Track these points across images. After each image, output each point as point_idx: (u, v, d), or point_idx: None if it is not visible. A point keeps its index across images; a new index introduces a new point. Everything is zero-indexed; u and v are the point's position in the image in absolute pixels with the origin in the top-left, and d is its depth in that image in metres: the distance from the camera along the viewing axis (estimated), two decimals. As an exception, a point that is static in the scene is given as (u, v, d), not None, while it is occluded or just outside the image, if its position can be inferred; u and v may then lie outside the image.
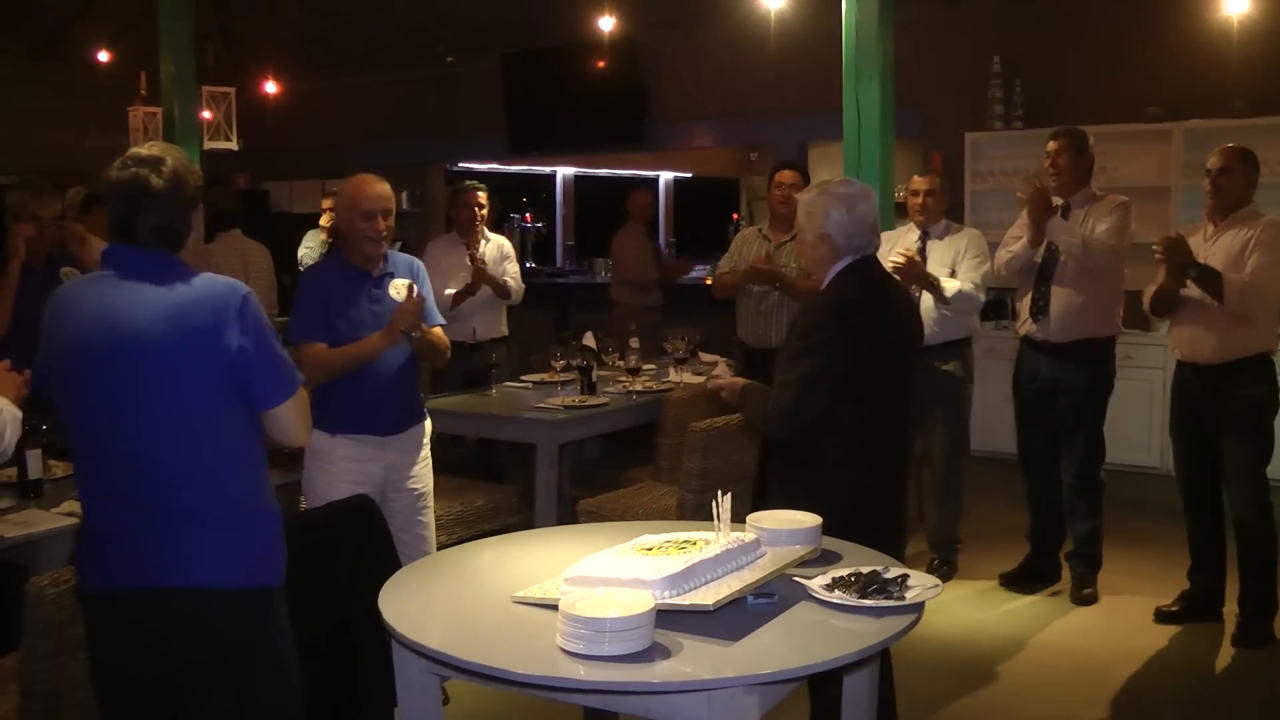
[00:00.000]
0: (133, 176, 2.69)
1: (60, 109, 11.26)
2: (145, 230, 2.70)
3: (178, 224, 2.74)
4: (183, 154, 2.80)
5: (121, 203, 2.70)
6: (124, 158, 2.74)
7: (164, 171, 2.70)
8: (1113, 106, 8.00)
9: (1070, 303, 5.35)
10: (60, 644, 2.99)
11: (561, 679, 2.32)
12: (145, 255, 2.71)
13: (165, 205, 2.71)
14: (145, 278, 2.69)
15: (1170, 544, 5.87)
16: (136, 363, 2.62)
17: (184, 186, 2.74)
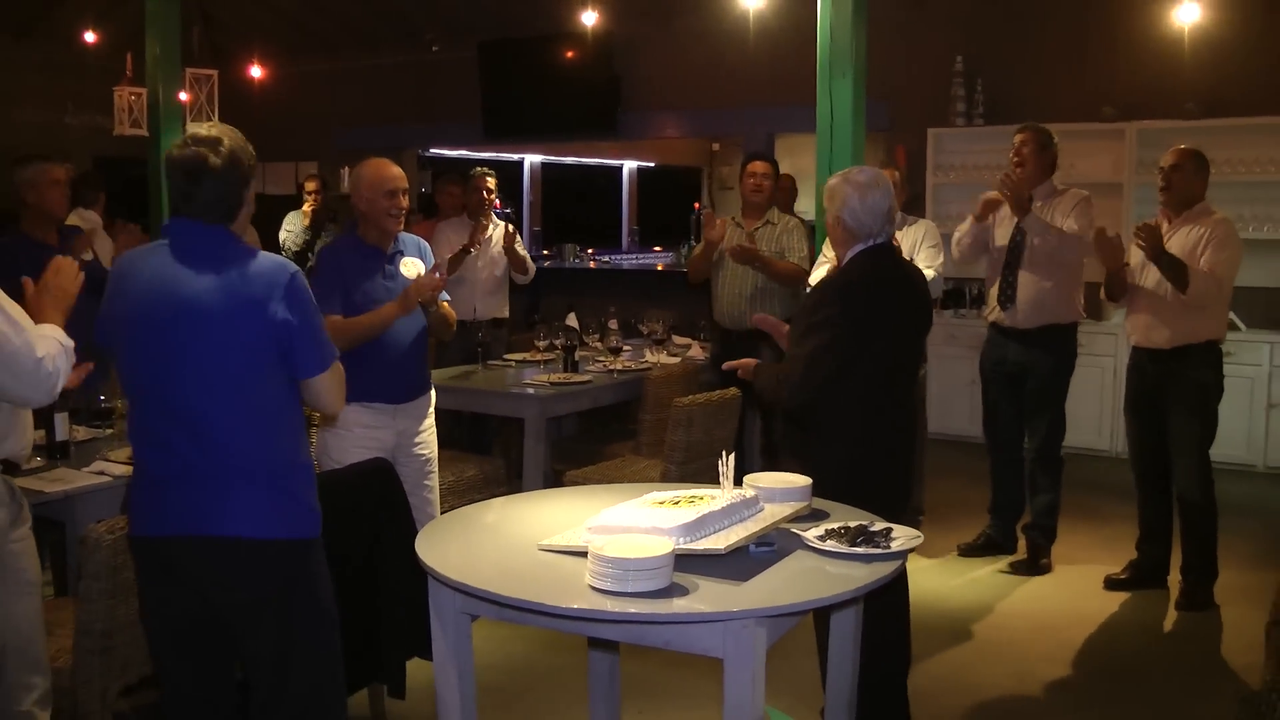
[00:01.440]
0: (193, 154, 2.91)
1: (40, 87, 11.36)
2: (202, 204, 2.93)
3: (232, 199, 2.97)
4: (238, 135, 3.02)
5: (181, 178, 2.92)
6: (185, 136, 2.96)
7: (222, 151, 2.93)
8: (1070, 106, 8.37)
9: (1036, 291, 5.68)
10: (114, 586, 3.27)
11: (594, 611, 2.60)
12: (202, 228, 2.94)
13: (221, 182, 2.93)
14: (201, 249, 2.93)
15: (1119, 520, 6.29)
16: (193, 326, 2.85)
17: (239, 165, 2.97)
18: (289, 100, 12.08)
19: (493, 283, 7.20)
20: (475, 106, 11.32)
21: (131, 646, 3.37)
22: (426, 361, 4.80)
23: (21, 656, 3.21)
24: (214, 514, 2.89)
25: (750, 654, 2.61)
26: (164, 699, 3.11)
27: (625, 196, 15.68)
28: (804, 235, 6.67)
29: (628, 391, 6.46)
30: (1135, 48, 8.24)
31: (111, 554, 3.24)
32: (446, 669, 3.03)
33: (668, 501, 3.12)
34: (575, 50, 10.37)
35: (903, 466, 4.05)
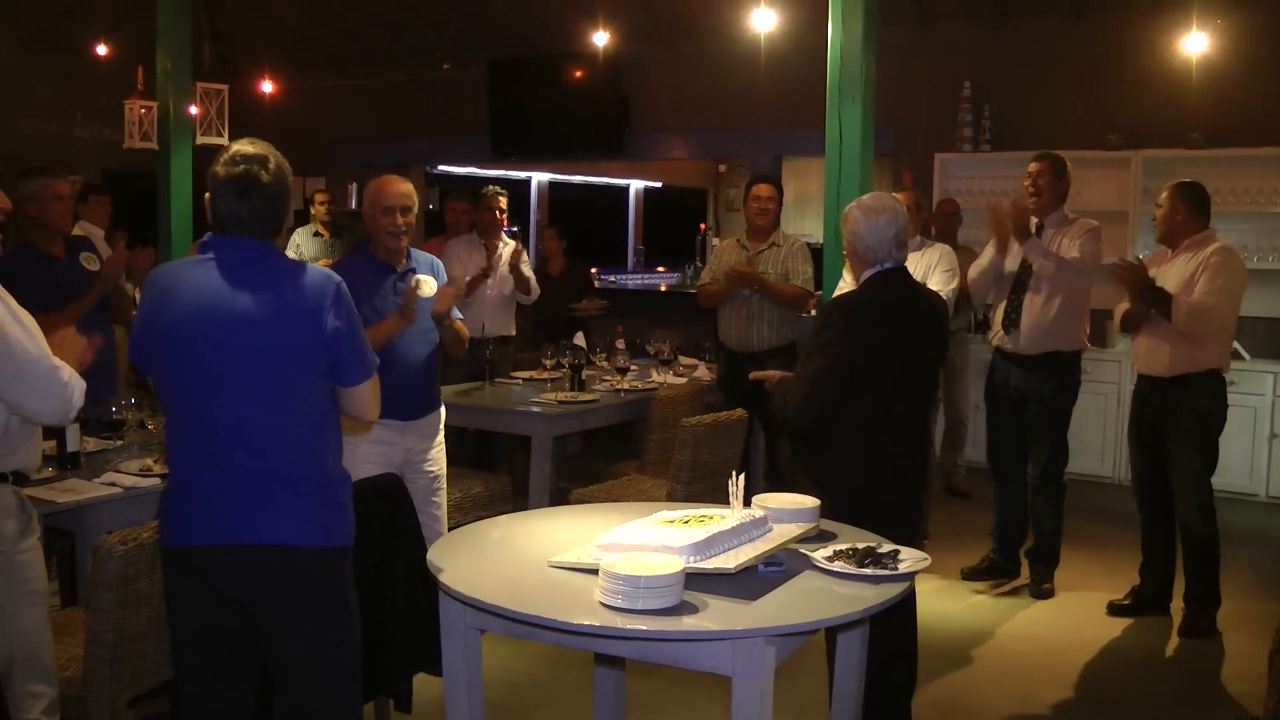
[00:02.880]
0: (244, 172, 2.94)
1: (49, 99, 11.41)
2: (251, 219, 2.96)
3: (279, 214, 3.02)
4: (279, 153, 3.05)
5: (230, 195, 2.94)
6: (231, 154, 2.97)
7: (270, 168, 2.97)
8: (1076, 134, 8.41)
9: (1040, 317, 5.70)
10: (125, 596, 3.30)
11: (604, 627, 2.63)
12: (250, 244, 2.97)
13: (269, 197, 2.97)
14: (250, 264, 2.96)
15: (1122, 546, 6.30)
16: (245, 339, 2.89)
17: (285, 181, 3.02)
18: (298, 116, 12.13)
19: (501, 300, 7.27)
20: (483, 124, 11.37)
21: (141, 657, 3.40)
22: (436, 380, 4.84)
23: (29, 666, 3.23)
24: (258, 522, 2.93)
25: (759, 672, 2.64)
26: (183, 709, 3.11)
27: (631, 216, 15.73)
28: (808, 258, 6.70)
29: (634, 411, 6.49)
30: (1141, 77, 8.29)
31: (123, 564, 3.27)
32: (456, 683, 3.06)
33: (678, 520, 3.15)
34: (584, 71, 10.43)
35: (912, 491, 4.06)
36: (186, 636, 3.06)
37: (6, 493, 3.24)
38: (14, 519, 3.24)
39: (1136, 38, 8.31)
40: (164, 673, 3.43)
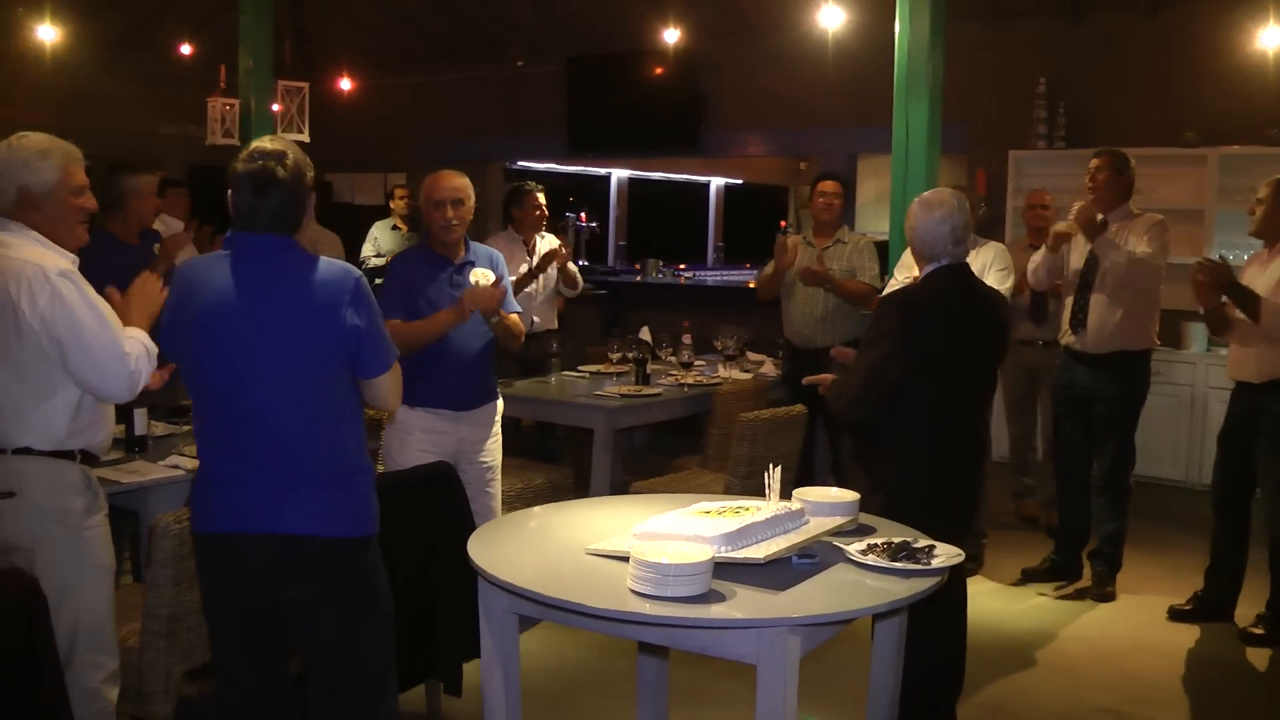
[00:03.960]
0: (261, 168, 3.01)
1: (137, 97, 11.70)
2: (268, 215, 3.03)
3: (297, 210, 3.08)
4: (297, 147, 3.13)
5: (248, 191, 3.02)
6: (250, 150, 3.06)
7: (287, 164, 3.03)
8: (1152, 130, 8.29)
9: (1107, 316, 5.63)
10: (179, 574, 3.43)
11: (632, 613, 2.68)
12: (268, 238, 3.04)
13: (286, 193, 3.03)
14: (269, 259, 3.04)
15: (1187, 552, 6.24)
16: (264, 333, 2.97)
17: (302, 177, 3.08)
18: (377, 112, 12.33)
19: (546, 296, 7.32)
20: (561, 121, 11.47)
21: (195, 632, 3.52)
22: (492, 372, 4.89)
23: (92, 637, 3.35)
24: (280, 512, 3.01)
25: (783, 661, 2.67)
26: (219, 689, 3.22)
27: (712, 213, 15.78)
28: (874, 254, 6.71)
29: (697, 406, 6.53)
30: (1218, 73, 8.13)
31: (178, 543, 3.39)
32: (492, 666, 3.13)
33: (714, 511, 3.19)
34: (660, 68, 10.48)
35: (967, 489, 4.05)
36: (219, 618, 3.16)
37: (74, 470, 3.37)
38: (81, 496, 3.37)
39: (1213, 32, 8.16)
40: (215, 651, 3.54)
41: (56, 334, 3.23)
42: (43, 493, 3.30)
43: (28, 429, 3.28)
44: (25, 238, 3.31)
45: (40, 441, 3.30)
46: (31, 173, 3.33)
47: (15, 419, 3.27)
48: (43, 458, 3.31)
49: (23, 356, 3.24)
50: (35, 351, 3.24)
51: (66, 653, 3.27)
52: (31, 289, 3.21)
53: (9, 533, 3.28)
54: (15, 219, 3.33)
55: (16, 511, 3.28)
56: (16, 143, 3.36)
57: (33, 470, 3.29)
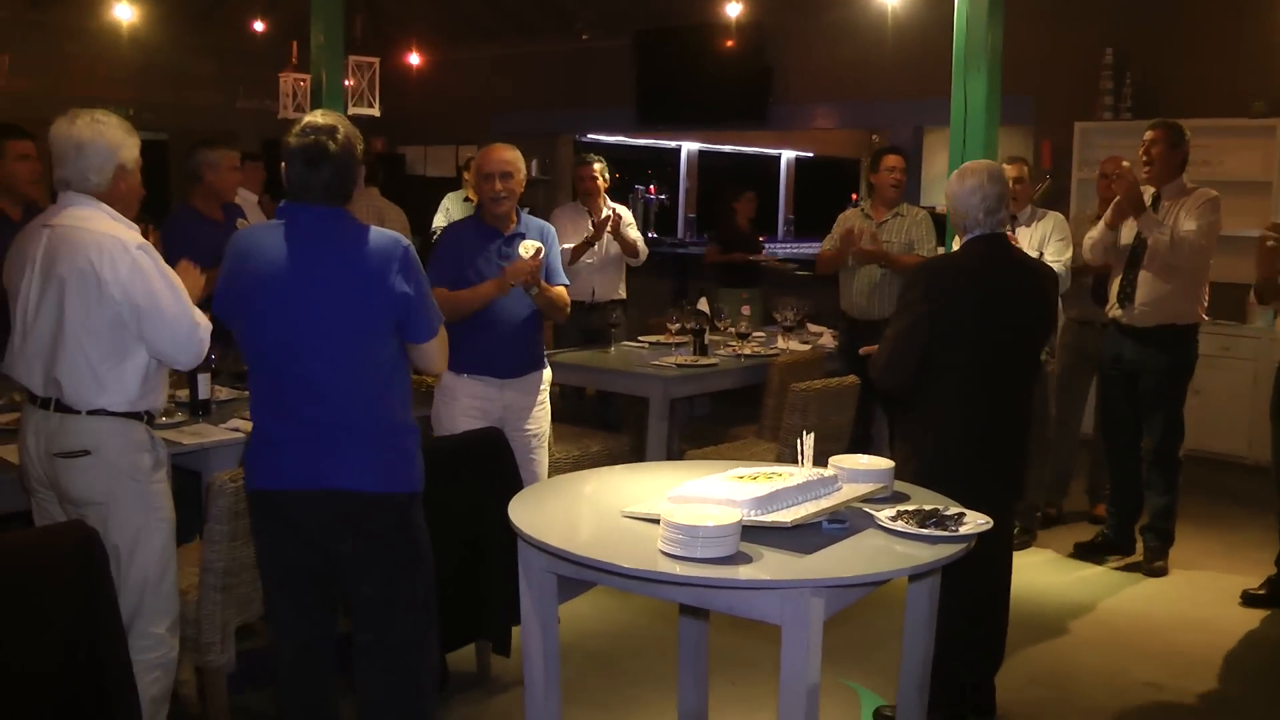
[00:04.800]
0: (313, 142, 3.13)
1: (213, 73, 11.97)
2: (320, 187, 3.16)
3: (348, 182, 3.21)
4: (348, 121, 3.26)
5: (301, 164, 3.15)
6: (302, 125, 3.18)
7: (338, 138, 3.16)
8: (1219, 101, 8.18)
9: (1155, 291, 5.62)
10: (235, 530, 3.60)
11: (661, 573, 2.78)
12: (320, 209, 3.18)
13: (338, 166, 3.16)
14: (320, 228, 3.17)
15: (1247, 530, 6.24)
16: (316, 300, 3.10)
17: (353, 150, 3.21)
18: (449, 86, 12.48)
19: (607, 264, 7.41)
20: (630, 93, 11.53)
21: (249, 586, 3.69)
22: (538, 341, 4.98)
23: (158, 587, 3.53)
24: (330, 469, 3.14)
25: (806, 621, 2.75)
26: (273, 640, 3.38)
27: (783, 185, 15.76)
28: (931, 228, 6.72)
29: (753, 376, 6.59)
30: (1289, 42, 8.01)
31: (234, 500, 3.56)
32: (531, 623, 3.24)
33: (748, 476, 3.27)
34: (728, 41, 10.49)
35: (1005, 460, 4.05)
36: (272, 573, 3.32)
37: (142, 430, 3.55)
38: (148, 454, 3.55)
39: (1283, 1, 8.02)
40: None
41: (136, 302, 3.40)
42: (117, 451, 3.47)
43: (104, 391, 3.45)
44: (98, 210, 3.48)
45: (115, 403, 3.47)
46: (125, 150, 3.53)
47: (93, 382, 3.44)
48: (116, 418, 3.48)
49: (102, 323, 3.41)
50: (114, 319, 3.41)
51: (138, 600, 3.48)
52: (114, 259, 3.39)
53: (86, 489, 3.46)
54: (105, 195, 3.50)
55: (93, 469, 3.45)
56: (105, 120, 3.51)
57: (108, 429, 3.47)
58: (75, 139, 3.47)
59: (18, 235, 3.64)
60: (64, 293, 3.39)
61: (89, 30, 10.49)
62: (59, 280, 3.40)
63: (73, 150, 3.47)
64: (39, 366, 3.47)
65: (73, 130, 3.48)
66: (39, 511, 3.63)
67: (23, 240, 3.56)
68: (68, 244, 3.41)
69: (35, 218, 3.63)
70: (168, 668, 3.58)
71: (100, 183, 3.49)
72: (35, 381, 3.49)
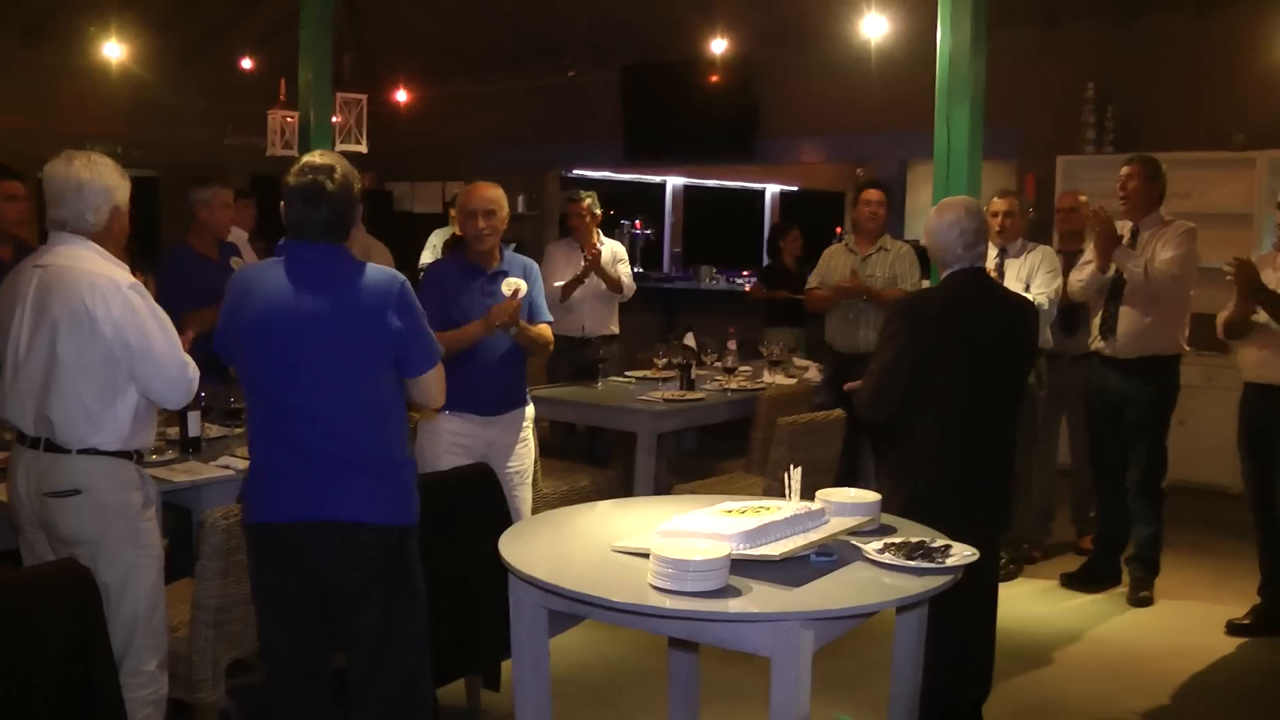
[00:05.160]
0: (311, 181, 3.21)
1: (203, 110, 12.02)
2: (319, 225, 3.23)
3: (346, 220, 3.28)
4: (345, 161, 3.32)
5: (300, 202, 3.22)
6: (301, 164, 3.26)
7: (336, 177, 3.23)
8: (1200, 133, 8.28)
9: (1136, 323, 5.69)
10: (227, 567, 3.63)
11: (652, 606, 2.80)
12: (319, 246, 3.24)
13: (336, 204, 3.23)
14: (319, 265, 3.23)
15: (1230, 559, 6.30)
16: (315, 335, 3.16)
17: (350, 189, 3.28)
18: (435, 122, 12.53)
19: (598, 300, 7.44)
20: (617, 129, 11.60)
21: (242, 623, 3.71)
22: (520, 378, 4.99)
23: (148, 624, 3.55)
24: (330, 500, 3.19)
25: (795, 654, 2.77)
26: (269, 675, 3.40)
27: (767, 219, 15.84)
28: (915, 262, 6.78)
29: (741, 410, 6.63)
30: (1269, 76, 8.09)
31: (225, 538, 3.59)
32: (523, 658, 3.25)
33: (736, 510, 3.30)
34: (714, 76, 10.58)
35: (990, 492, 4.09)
36: (268, 606, 3.34)
37: (132, 468, 3.58)
38: (138, 492, 3.58)
39: (1262, 35, 8.11)
40: (262, 640, 3.70)
41: (127, 341, 3.44)
42: (107, 490, 3.50)
43: (97, 430, 3.48)
44: (89, 250, 3.52)
45: (107, 442, 3.50)
46: (120, 191, 3.60)
47: (85, 421, 3.46)
48: (106, 457, 3.51)
49: (95, 362, 3.45)
50: (106, 357, 3.45)
51: (128, 637, 3.49)
52: (106, 299, 3.43)
53: (77, 528, 3.48)
54: (99, 235, 3.54)
55: (84, 508, 3.48)
56: (101, 161, 3.56)
57: (98, 469, 3.49)
58: (74, 180, 3.51)
59: (8, 275, 3.67)
60: (56, 332, 3.42)
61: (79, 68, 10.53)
62: (52, 320, 3.43)
63: (71, 191, 3.51)
64: (30, 405, 3.49)
65: (70, 171, 3.52)
66: (28, 550, 3.65)
67: (14, 280, 3.59)
68: (61, 284, 3.44)
69: (26, 258, 3.66)
70: (159, 704, 3.59)
71: (96, 223, 3.54)
72: (26, 421, 3.51)
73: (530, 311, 4.84)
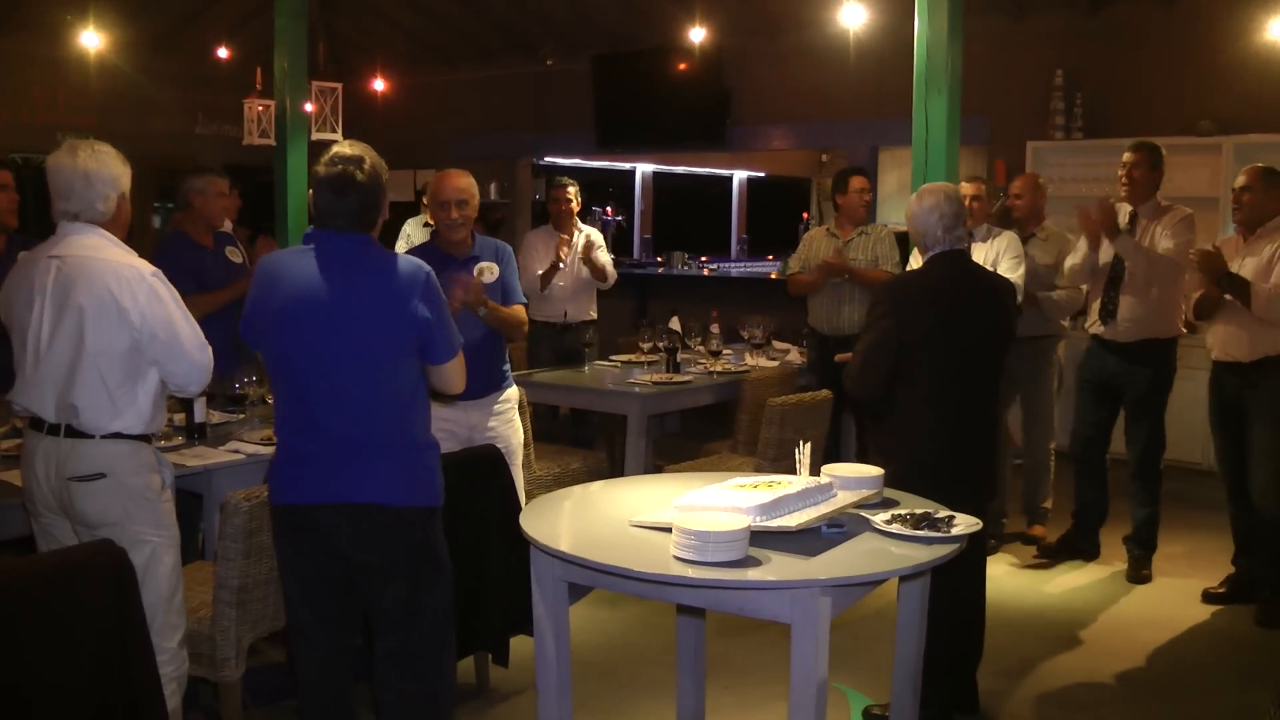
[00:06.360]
0: (341, 172, 3.28)
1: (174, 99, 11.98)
2: (347, 215, 3.30)
3: (374, 210, 3.36)
4: (374, 152, 3.40)
5: (330, 194, 3.29)
6: (331, 155, 3.33)
7: (365, 168, 3.31)
8: (1167, 120, 8.44)
9: (1136, 308, 5.83)
10: (249, 547, 3.70)
11: (676, 576, 2.92)
12: (347, 235, 3.31)
13: (365, 194, 3.30)
14: (348, 253, 3.30)
15: (1205, 531, 6.58)
16: (343, 322, 3.24)
17: (379, 179, 3.36)
18: (410, 110, 12.55)
19: (578, 287, 7.53)
20: (589, 117, 11.66)
21: (263, 602, 3.80)
22: (498, 361, 5.03)
23: (170, 603, 3.61)
24: (357, 483, 3.27)
25: (815, 620, 2.90)
26: (295, 653, 3.49)
27: (735, 205, 15.97)
28: (895, 244, 6.92)
29: (726, 393, 6.76)
30: (1233, 63, 8.28)
31: (248, 519, 3.67)
32: (545, 631, 3.36)
33: (749, 485, 3.42)
34: (686, 64, 10.68)
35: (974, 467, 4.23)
36: (295, 586, 3.42)
37: (150, 451, 3.65)
38: (157, 474, 3.65)
39: (1228, 23, 8.30)
40: (283, 619, 3.78)
41: (154, 330, 3.50)
42: (130, 472, 3.56)
43: (119, 415, 3.53)
44: (104, 239, 3.57)
45: (130, 426, 3.56)
46: (125, 178, 3.64)
47: (109, 406, 3.52)
48: (129, 441, 3.57)
49: (121, 349, 3.50)
50: (131, 345, 3.50)
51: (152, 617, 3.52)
52: (132, 288, 3.48)
53: (102, 511, 3.54)
54: (108, 223, 3.59)
55: (109, 491, 3.53)
56: (102, 149, 3.60)
57: (121, 452, 3.55)
58: (82, 170, 3.55)
59: (16, 266, 3.70)
60: (83, 321, 3.47)
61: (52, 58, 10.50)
62: (77, 309, 3.47)
63: (79, 182, 3.55)
64: (51, 394, 3.53)
65: (77, 163, 3.56)
66: (43, 536, 3.70)
67: (26, 271, 3.61)
68: (84, 274, 3.49)
69: (37, 248, 3.69)
70: (181, 681, 3.66)
71: (106, 211, 3.58)
72: (47, 409, 3.55)
73: (504, 293, 4.90)
